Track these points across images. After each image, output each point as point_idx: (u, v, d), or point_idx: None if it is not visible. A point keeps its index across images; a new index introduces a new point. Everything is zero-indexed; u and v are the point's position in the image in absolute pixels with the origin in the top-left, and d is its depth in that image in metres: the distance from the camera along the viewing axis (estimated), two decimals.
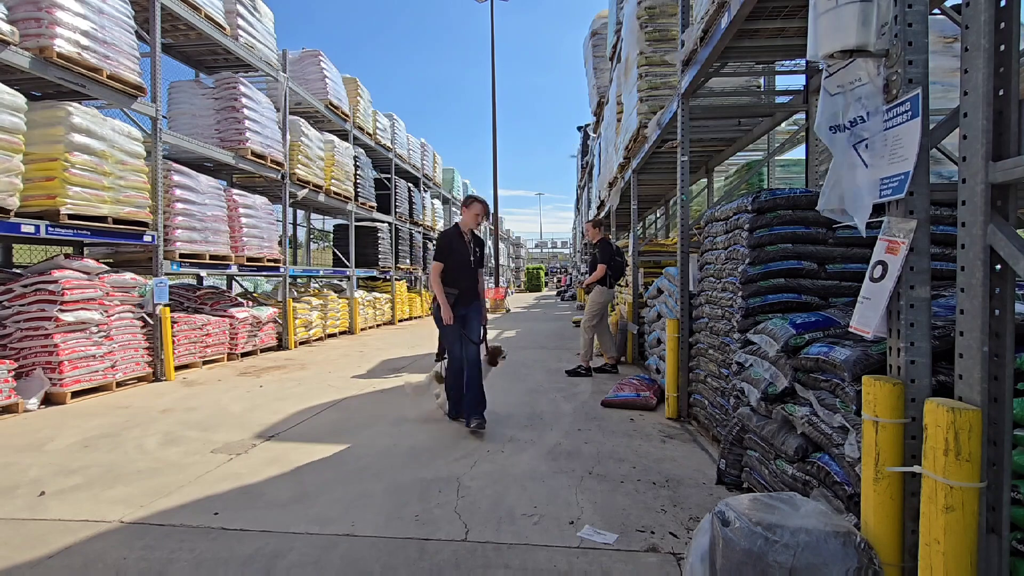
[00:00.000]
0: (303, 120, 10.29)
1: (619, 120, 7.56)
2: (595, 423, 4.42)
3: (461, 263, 4.26)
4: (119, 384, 6.05)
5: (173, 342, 6.74)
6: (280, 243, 9.54)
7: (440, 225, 19.79)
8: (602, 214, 11.56)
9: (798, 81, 5.40)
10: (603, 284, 6.63)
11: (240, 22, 8.44)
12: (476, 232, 4.47)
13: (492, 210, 26.63)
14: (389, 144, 14.96)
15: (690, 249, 4.64)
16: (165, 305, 6.57)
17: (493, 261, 26.14)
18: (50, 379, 5.30)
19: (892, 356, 1.68)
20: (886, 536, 1.60)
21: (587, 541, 2.44)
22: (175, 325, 6.86)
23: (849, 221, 1.82)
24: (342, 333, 11.79)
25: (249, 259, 8.44)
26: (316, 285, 12.97)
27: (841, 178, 1.83)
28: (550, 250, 72.39)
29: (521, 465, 3.45)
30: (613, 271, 6.71)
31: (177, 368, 6.86)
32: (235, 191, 8.51)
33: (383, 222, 14.29)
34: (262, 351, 9.01)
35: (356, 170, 12.40)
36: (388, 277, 14.64)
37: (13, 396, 4.92)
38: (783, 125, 6.41)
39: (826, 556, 1.51)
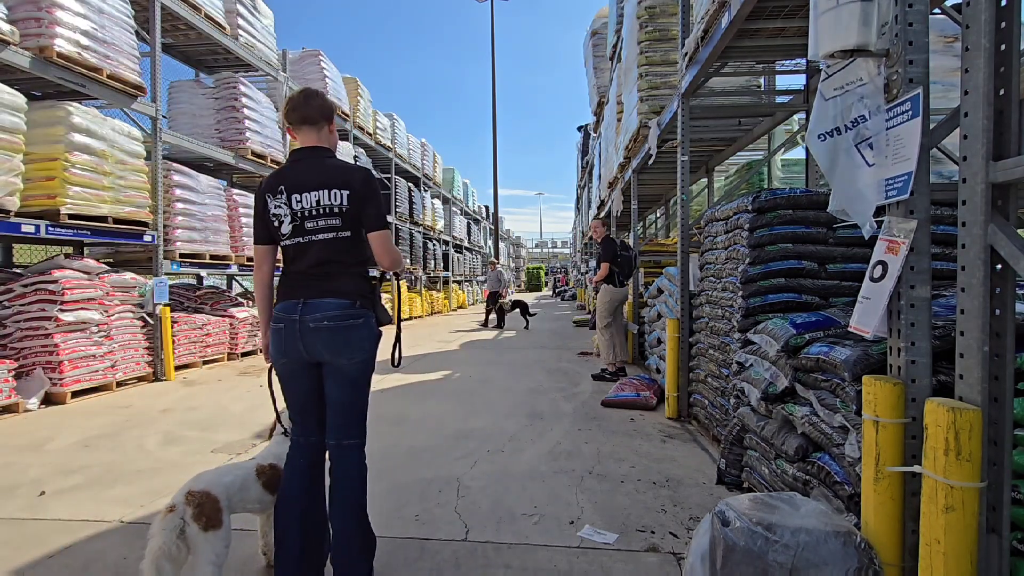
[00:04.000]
0: None
1: (619, 120, 7.56)
2: (595, 423, 4.42)
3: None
4: (119, 384, 6.05)
5: (173, 342, 6.74)
6: None
7: (440, 225, 19.75)
8: (602, 213, 11.56)
9: (798, 81, 5.40)
10: (610, 283, 6.36)
11: (240, 22, 8.44)
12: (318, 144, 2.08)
13: (493, 210, 26.60)
14: (389, 144, 14.96)
15: (690, 249, 4.64)
16: (165, 305, 6.57)
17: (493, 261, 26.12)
18: (50, 379, 5.30)
19: (892, 356, 1.68)
20: (886, 536, 1.60)
21: (587, 541, 2.43)
22: (175, 325, 6.86)
23: (859, 221, 1.82)
24: None
25: (249, 259, 8.44)
26: None
27: (846, 179, 1.83)
28: (550, 250, 72.34)
29: (521, 465, 3.45)
30: (620, 268, 6.39)
31: (177, 368, 6.86)
32: (235, 191, 8.52)
33: None
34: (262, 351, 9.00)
35: None
36: (388, 277, 14.63)
37: (13, 396, 4.92)
38: (783, 125, 6.41)
39: (826, 556, 1.51)
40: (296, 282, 2.00)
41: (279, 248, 2.09)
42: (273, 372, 2.15)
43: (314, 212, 1.96)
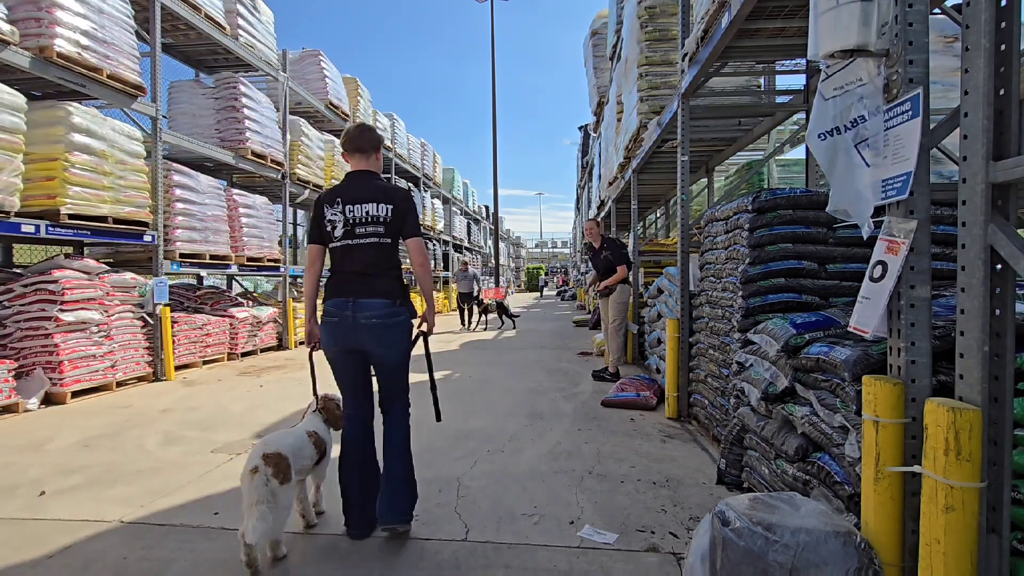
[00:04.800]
0: (303, 120, 10.29)
1: (619, 120, 7.57)
2: (595, 423, 4.42)
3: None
4: (119, 384, 6.05)
5: (173, 342, 6.74)
6: (280, 243, 9.54)
7: (440, 225, 19.75)
8: (602, 214, 11.55)
9: (798, 81, 5.40)
10: (625, 282, 6.24)
11: (240, 22, 8.44)
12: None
13: (493, 210, 26.64)
14: (389, 144, 14.97)
15: (690, 249, 4.64)
16: (165, 305, 6.57)
17: (493, 261, 26.14)
18: (50, 379, 5.30)
19: (892, 356, 1.68)
20: (886, 536, 1.60)
21: (587, 541, 2.43)
22: (175, 325, 6.86)
23: (858, 221, 1.81)
24: None
25: (249, 259, 8.44)
26: None
27: (845, 179, 1.83)
28: (550, 250, 72.31)
29: (521, 465, 3.45)
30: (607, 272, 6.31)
31: (177, 368, 6.86)
32: (235, 191, 8.52)
33: None
34: (262, 351, 9.00)
35: None
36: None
37: (13, 396, 4.92)
38: (783, 125, 6.41)
39: (826, 556, 1.51)
40: (346, 282, 2.43)
41: (327, 250, 2.51)
42: (313, 355, 2.61)
43: (363, 220, 2.41)
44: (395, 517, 2.42)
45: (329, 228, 2.45)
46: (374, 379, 2.59)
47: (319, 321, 2.52)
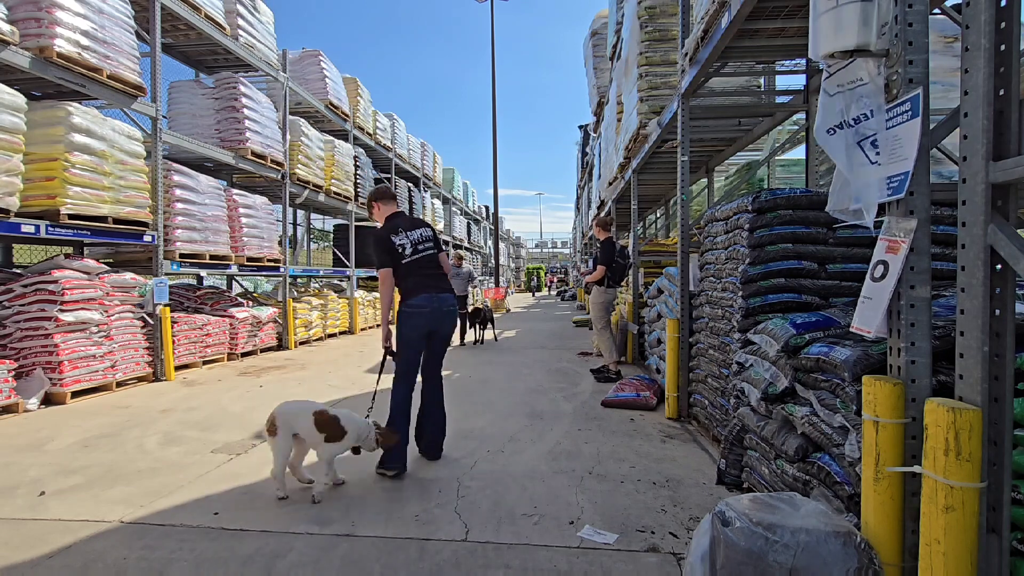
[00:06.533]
0: (303, 120, 10.29)
1: (619, 120, 7.56)
2: (595, 423, 4.42)
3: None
4: (119, 384, 6.05)
5: (173, 342, 6.74)
6: (280, 243, 9.53)
7: (440, 225, 19.80)
8: (602, 214, 11.55)
9: (798, 81, 5.40)
10: (602, 284, 6.54)
11: (240, 22, 8.44)
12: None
13: (493, 210, 26.68)
14: (389, 144, 14.96)
15: (690, 249, 4.63)
16: (165, 305, 6.57)
17: (493, 261, 26.14)
18: (50, 379, 5.30)
19: (892, 356, 1.68)
20: (886, 536, 1.60)
21: (587, 541, 2.43)
22: (175, 325, 6.86)
23: (858, 220, 1.80)
24: (342, 333, 11.79)
25: (249, 259, 8.44)
26: (316, 285, 12.97)
27: (850, 177, 1.82)
28: (550, 250, 72.32)
29: (521, 465, 3.45)
30: (613, 272, 6.56)
31: (177, 368, 6.86)
32: (235, 191, 8.51)
33: None
34: (262, 351, 9.00)
35: (356, 170, 12.40)
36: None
37: (13, 396, 4.92)
38: (783, 125, 6.40)
39: (826, 556, 1.51)
40: (425, 281, 3.42)
41: (402, 265, 3.40)
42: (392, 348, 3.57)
43: (421, 240, 3.50)
44: (435, 452, 3.57)
45: (400, 250, 3.42)
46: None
47: (408, 315, 3.36)
